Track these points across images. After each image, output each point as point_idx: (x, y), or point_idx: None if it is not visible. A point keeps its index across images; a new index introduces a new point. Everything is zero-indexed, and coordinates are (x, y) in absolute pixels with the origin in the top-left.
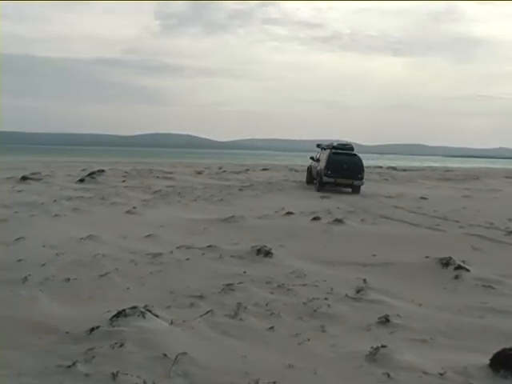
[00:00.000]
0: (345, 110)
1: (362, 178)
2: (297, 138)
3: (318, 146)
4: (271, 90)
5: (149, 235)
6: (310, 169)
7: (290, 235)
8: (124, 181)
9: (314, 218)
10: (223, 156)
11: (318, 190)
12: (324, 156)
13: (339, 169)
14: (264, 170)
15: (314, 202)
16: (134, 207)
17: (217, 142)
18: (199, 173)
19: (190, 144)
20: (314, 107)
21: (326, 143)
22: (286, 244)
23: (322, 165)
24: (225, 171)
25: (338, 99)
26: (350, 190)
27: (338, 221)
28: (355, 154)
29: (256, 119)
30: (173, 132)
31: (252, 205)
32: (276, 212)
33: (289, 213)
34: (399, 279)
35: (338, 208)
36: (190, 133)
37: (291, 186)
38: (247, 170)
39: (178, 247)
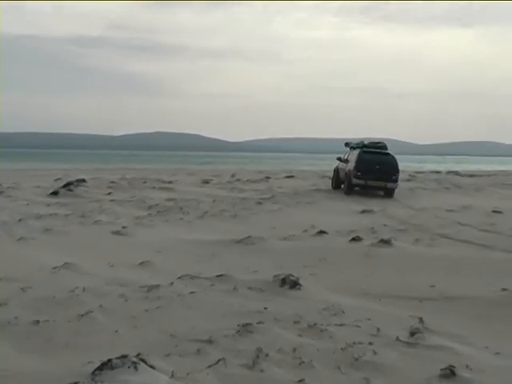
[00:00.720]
0: (391, 101)
1: (396, 180)
2: (328, 136)
3: (347, 144)
4: (295, 76)
5: (143, 262)
6: (336, 171)
7: (322, 261)
8: (110, 193)
9: (354, 239)
10: (236, 160)
11: (346, 194)
12: (353, 156)
13: (370, 170)
14: (288, 177)
15: (353, 217)
16: (124, 227)
17: (227, 142)
18: (206, 182)
19: (195, 145)
20: (351, 97)
21: (356, 141)
22: (317, 272)
23: (350, 165)
24: (239, 180)
25: (381, 86)
26: (382, 193)
27: (385, 242)
28: (388, 153)
29: (276, 114)
30: (172, 131)
31: (274, 222)
32: (305, 231)
33: (321, 232)
34: (467, 319)
35: (385, 225)
36: (194, 132)
37: (323, 198)
38: (267, 177)
39: (179, 277)
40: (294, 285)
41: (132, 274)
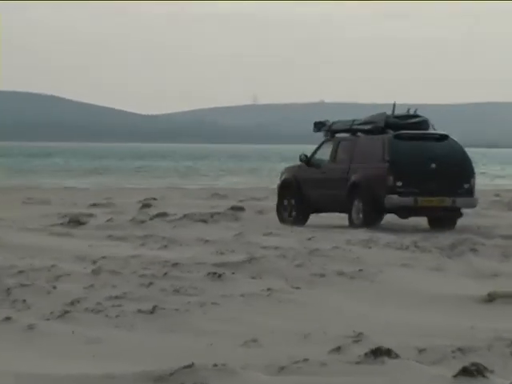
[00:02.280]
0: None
1: (471, 193)
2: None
3: (319, 125)
4: None
5: None
6: (296, 185)
7: None
8: None
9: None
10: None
11: (367, 225)
12: (368, 148)
13: (424, 174)
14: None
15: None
16: None
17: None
18: (77, 221)
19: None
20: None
21: (348, 118)
22: None
23: (369, 169)
24: (162, 215)
25: None
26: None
27: None
28: (447, 137)
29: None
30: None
31: (254, 327)
32: (336, 351)
33: (378, 352)
34: None
35: None
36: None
37: (383, 256)
38: (235, 208)
39: None
40: None
41: None
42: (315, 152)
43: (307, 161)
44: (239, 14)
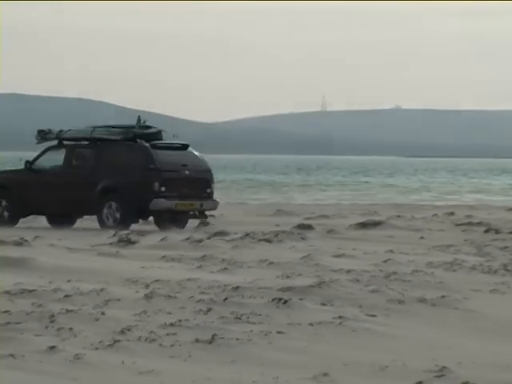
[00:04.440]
0: None
1: (212, 196)
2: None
3: (43, 134)
4: None
5: None
6: (8, 188)
7: None
8: None
9: None
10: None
11: (124, 226)
12: (123, 155)
13: (181, 180)
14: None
15: None
16: None
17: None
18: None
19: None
20: None
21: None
22: None
23: (129, 176)
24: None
25: None
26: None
27: None
28: (188, 146)
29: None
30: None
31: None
32: None
33: None
34: None
35: None
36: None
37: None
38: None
39: None
40: None
41: None
42: (38, 158)
43: (30, 165)
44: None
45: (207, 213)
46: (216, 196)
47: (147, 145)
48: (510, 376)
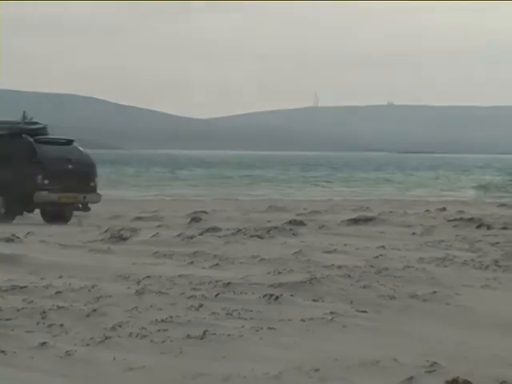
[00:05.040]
0: None
1: (95, 190)
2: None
3: None
4: None
5: None
6: None
7: None
8: None
9: None
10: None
11: (9, 219)
12: (8, 149)
13: (64, 173)
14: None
15: None
16: None
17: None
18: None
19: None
20: None
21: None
22: None
23: (13, 169)
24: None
25: None
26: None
27: None
28: (72, 141)
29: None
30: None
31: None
32: None
33: None
34: None
35: None
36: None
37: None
38: (294, 222)
39: None
40: None
41: None
42: None
43: None
44: None
45: (91, 205)
46: (217, 194)
47: (31, 139)
48: (501, 371)
